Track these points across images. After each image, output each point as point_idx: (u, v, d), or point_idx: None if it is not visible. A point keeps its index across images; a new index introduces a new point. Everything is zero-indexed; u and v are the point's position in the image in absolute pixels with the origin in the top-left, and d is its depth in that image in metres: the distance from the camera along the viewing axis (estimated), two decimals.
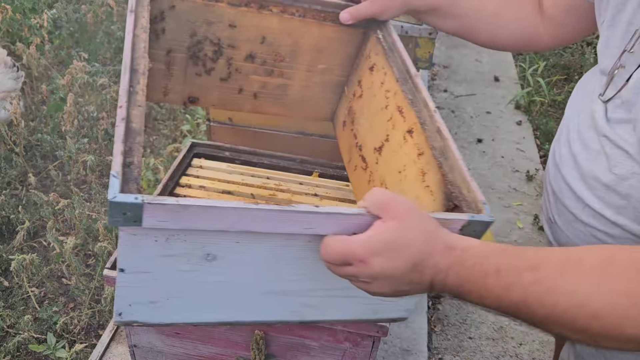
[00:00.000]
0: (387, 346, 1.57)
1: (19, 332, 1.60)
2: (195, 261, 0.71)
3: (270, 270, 0.75)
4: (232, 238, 0.69)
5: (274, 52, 1.07)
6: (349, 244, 0.62)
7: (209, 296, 0.77)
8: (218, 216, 0.63)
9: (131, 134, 0.68)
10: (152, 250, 0.68)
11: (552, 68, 3.64)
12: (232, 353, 1.07)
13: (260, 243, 0.70)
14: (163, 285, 0.73)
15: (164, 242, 0.67)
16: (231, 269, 0.73)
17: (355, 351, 1.00)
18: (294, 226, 0.66)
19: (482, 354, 1.77)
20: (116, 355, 1.31)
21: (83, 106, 2.46)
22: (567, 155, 0.86)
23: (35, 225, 1.97)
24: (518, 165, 2.80)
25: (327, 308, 0.83)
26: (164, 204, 0.60)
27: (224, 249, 0.70)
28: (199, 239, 0.68)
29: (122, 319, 0.76)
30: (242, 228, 0.65)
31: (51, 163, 2.25)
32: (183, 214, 0.61)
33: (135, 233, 0.65)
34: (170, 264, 0.70)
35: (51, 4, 3.36)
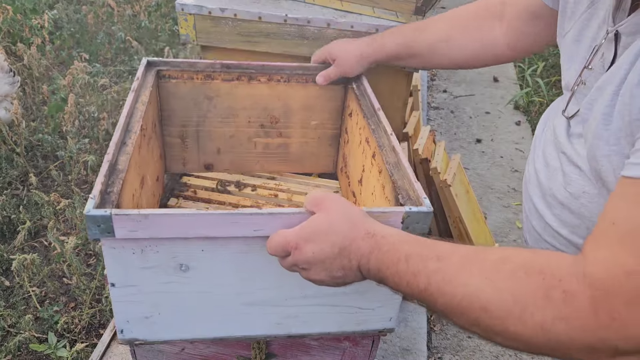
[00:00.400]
0: (387, 345, 1.58)
1: (20, 332, 1.60)
2: (171, 272, 0.78)
3: (243, 279, 0.81)
4: (196, 246, 0.75)
5: (268, 115, 1.22)
6: (284, 234, 0.70)
7: (194, 309, 0.83)
8: (174, 223, 0.71)
9: (115, 172, 0.80)
10: (132, 263, 0.75)
11: (552, 68, 3.64)
12: (232, 352, 1.08)
13: (222, 249, 0.76)
14: (150, 298, 0.80)
15: (140, 253, 0.75)
16: (206, 279, 0.80)
17: (355, 350, 1.01)
18: (243, 229, 0.73)
19: (481, 353, 1.78)
20: (117, 355, 1.32)
21: (84, 106, 2.47)
22: (532, 172, 0.86)
23: (36, 225, 1.97)
24: (517, 165, 2.81)
25: (309, 320, 0.88)
26: (127, 214, 0.69)
27: (193, 258, 0.77)
28: (169, 249, 0.75)
29: (125, 336, 0.84)
30: (197, 234, 0.73)
31: (52, 163, 2.26)
32: (145, 222, 0.70)
33: (114, 246, 0.73)
34: (151, 276, 0.77)
35: (52, 4, 3.36)
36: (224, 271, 0.79)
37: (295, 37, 1.27)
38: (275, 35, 1.28)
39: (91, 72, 2.72)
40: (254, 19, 1.26)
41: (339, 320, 0.89)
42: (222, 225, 0.72)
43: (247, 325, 0.88)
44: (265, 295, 0.84)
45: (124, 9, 3.35)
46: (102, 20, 3.27)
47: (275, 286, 0.83)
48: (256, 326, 0.88)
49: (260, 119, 1.22)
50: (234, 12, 1.26)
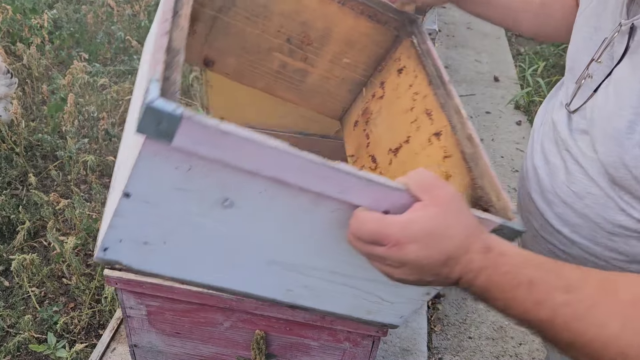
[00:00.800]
0: (387, 346, 1.57)
1: (19, 332, 1.60)
2: (209, 204, 0.63)
3: (284, 237, 0.69)
4: (258, 185, 0.61)
5: (304, 32, 1.02)
6: (385, 224, 0.57)
7: (208, 252, 0.70)
8: (256, 153, 0.56)
9: (171, 51, 0.61)
10: (168, 179, 0.60)
11: (552, 68, 3.64)
12: (232, 353, 1.08)
13: (285, 198, 0.63)
14: (165, 224, 0.66)
15: (185, 172, 0.59)
16: (244, 223, 0.66)
17: (355, 351, 1.00)
18: (328, 185, 0.60)
19: (481, 353, 1.77)
20: (116, 355, 1.31)
21: (83, 106, 2.46)
22: (530, 168, 0.84)
23: (35, 225, 1.97)
24: (518, 165, 2.80)
25: (321, 295, 0.78)
26: (205, 124, 0.53)
27: (245, 197, 0.63)
28: (223, 177, 0.60)
29: (106, 255, 0.68)
30: (274, 174, 0.59)
31: (51, 163, 2.25)
32: (218, 140, 0.54)
33: (157, 153, 0.57)
34: (182, 200, 0.62)
35: (51, 4, 3.36)
36: (270, 221, 0.66)
37: None
38: None
39: (91, 71, 2.71)
40: None
41: (351, 303, 0.80)
42: (310, 174, 0.59)
43: (253, 282, 0.75)
44: (294, 258, 0.72)
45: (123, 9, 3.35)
46: (102, 20, 3.27)
47: (313, 253, 0.71)
48: (263, 286, 0.76)
49: (293, 33, 1.02)
50: None
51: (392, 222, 0.57)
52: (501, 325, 1.88)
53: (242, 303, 0.98)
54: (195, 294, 0.98)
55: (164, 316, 1.04)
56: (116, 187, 0.72)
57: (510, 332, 1.85)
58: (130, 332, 1.09)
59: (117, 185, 0.72)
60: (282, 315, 0.97)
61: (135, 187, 0.61)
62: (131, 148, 0.66)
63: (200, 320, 1.03)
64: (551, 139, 0.80)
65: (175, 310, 1.03)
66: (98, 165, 2.23)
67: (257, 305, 0.97)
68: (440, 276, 0.59)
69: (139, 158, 0.57)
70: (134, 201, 0.62)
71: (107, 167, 2.25)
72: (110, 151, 2.32)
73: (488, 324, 1.87)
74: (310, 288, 0.76)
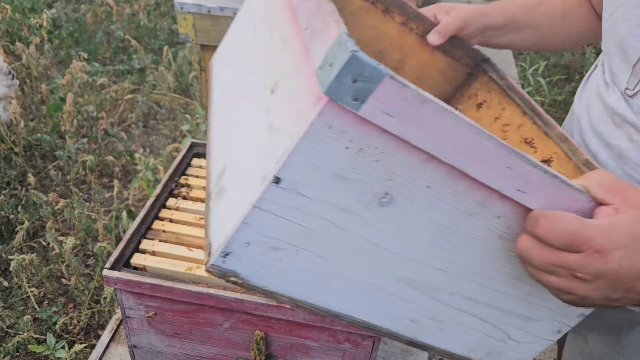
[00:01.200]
0: (387, 347, 1.57)
1: (18, 332, 1.60)
2: (366, 199, 0.55)
3: (431, 247, 0.61)
4: (427, 178, 0.54)
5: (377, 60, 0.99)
6: (586, 225, 0.49)
7: (339, 265, 0.61)
8: (447, 130, 0.50)
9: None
10: (332, 162, 0.52)
11: (553, 68, 3.64)
12: (232, 353, 1.07)
13: (448, 198, 0.56)
14: (307, 222, 0.56)
15: (354, 154, 0.51)
16: (394, 229, 0.59)
17: (356, 352, 1.00)
18: (507, 179, 0.53)
19: None
20: (115, 356, 1.31)
21: (82, 106, 2.46)
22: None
23: (34, 225, 1.96)
24: None
25: (446, 330, 0.70)
26: (407, 86, 0.46)
27: (408, 193, 0.55)
28: (393, 165, 0.53)
29: (225, 263, 0.57)
30: (458, 160, 0.52)
31: (50, 163, 2.25)
32: (414, 110, 0.48)
33: (332, 125, 0.49)
34: (338, 192, 0.54)
35: (50, 3, 3.35)
36: (423, 227, 0.59)
37: None
38: None
39: (90, 71, 2.71)
40: None
41: (473, 342, 0.73)
42: (496, 162, 0.52)
43: (377, 309, 0.67)
44: (435, 277, 0.64)
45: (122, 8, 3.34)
46: (101, 19, 3.26)
47: (458, 271, 0.63)
48: (387, 315, 0.68)
49: None
50: (234, 10, 1.25)
51: (593, 225, 0.49)
52: None
53: (242, 304, 0.97)
54: (195, 295, 0.98)
55: (163, 316, 1.04)
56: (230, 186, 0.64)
57: None
58: (130, 333, 1.08)
59: (231, 181, 0.65)
60: (282, 315, 0.97)
61: (292, 170, 0.51)
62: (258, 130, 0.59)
63: (200, 320, 1.03)
64: (608, 122, 0.79)
65: (175, 311, 1.02)
66: (97, 165, 2.22)
67: (257, 306, 0.97)
68: (633, 291, 0.52)
69: (309, 130, 0.48)
70: (283, 189, 0.52)
71: (106, 167, 2.25)
72: (109, 151, 2.32)
73: None
74: (437, 320, 0.68)
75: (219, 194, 0.67)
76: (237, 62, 0.85)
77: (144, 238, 1.10)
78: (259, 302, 0.96)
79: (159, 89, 2.68)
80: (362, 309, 0.66)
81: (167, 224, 1.14)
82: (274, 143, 0.55)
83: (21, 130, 2.21)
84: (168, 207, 1.19)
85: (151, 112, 2.64)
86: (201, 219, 1.15)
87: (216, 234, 0.59)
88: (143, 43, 3.14)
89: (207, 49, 1.34)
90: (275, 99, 0.61)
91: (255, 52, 0.77)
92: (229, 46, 0.93)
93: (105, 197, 2.13)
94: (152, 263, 1.04)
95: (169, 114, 2.64)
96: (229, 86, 0.85)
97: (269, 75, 0.66)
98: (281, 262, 0.58)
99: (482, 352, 0.73)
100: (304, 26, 0.57)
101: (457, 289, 0.65)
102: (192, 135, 2.28)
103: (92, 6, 3.34)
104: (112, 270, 1.00)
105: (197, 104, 2.58)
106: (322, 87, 0.46)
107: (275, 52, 0.68)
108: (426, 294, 0.65)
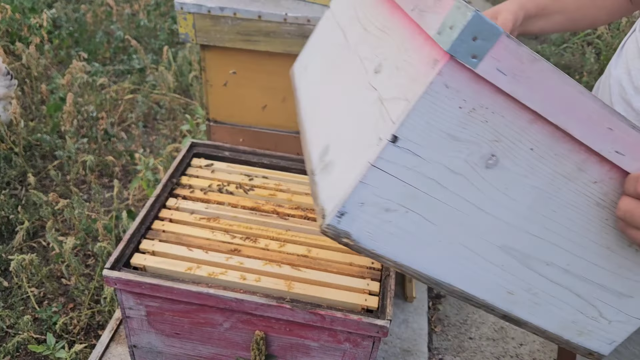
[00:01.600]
0: (388, 346, 1.57)
1: (18, 332, 1.60)
2: (474, 160, 0.58)
3: (532, 213, 0.63)
4: (532, 139, 0.57)
5: None
6: None
7: (444, 229, 0.63)
8: (553, 90, 0.53)
9: None
10: (446, 121, 0.55)
11: None
12: (232, 353, 1.07)
13: (550, 161, 0.59)
14: (419, 183, 0.59)
15: (467, 113, 0.54)
16: (498, 192, 0.61)
17: (356, 352, 1.00)
18: (607, 141, 0.56)
19: (482, 354, 1.77)
20: (115, 356, 1.31)
21: (82, 106, 2.46)
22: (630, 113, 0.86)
23: (34, 225, 1.96)
24: None
25: (541, 304, 0.72)
26: (520, 45, 0.50)
27: (513, 155, 0.58)
28: (501, 125, 0.56)
29: (340, 223, 0.59)
30: (562, 120, 0.55)
31: (50, 163, 2.25)
32: (524, 69, 0.51)
33: (449, 84, 0.53)
34: (450, 152, 0.57)
35: (50, 3, 3.35)
36: (526, 191, 0.61)
37: (295, 36, 1.27)
38: (275, 34, 1.27)
39: (90, 71, 2.71)
40: (253, 17, 1.25)
41: (566, 319, 0.74)
42: (598, 124, 0.55)
43: (476, 278, 0.69)
44: (532, 246, 0.66)
45: (122, 8, 3.34)
46: (101, 19, 3.26)
47: (556, 239, 0.65)
48: (484, 285, 0.69)
49: None
50: (234, 10, 1.25)
51: None
52: (502, 325, 1.87)
53: (242, 304, 0.97)
54: (195, 295, 0.98)
55: (163, 317, 1.04)
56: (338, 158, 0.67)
57: (511, 333, 1.85)
58: (130, 333, 1.08)
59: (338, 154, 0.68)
60: (282, 315, 0.97)
61: (409, 129, 0.54)
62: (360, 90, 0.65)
63: (200, 320, 1.03)
64: None
65: (175, 311, 1.02)
66: (97, 165, 2.22)
67: (256, 306, 0.97)
68: None
69: (427, 90, 0.52)
70: (399, 149, 0.55)
71: (106, 167, 2.25)
72: (109, 151, 2.32)
73: (489, 325, 1.87)
74: (533, 292, 0.71)
75: (325, 168, 0.70)
76: (326, 60, 0.91)
77: (144, 238, 1.10)
78: (259, 302, 0.95)
79: (159, 89, 2.68)
80: (462, 277, 0.67)
81: (167, 224, 1.14)
82: (387, 110, 0.58)
83: (21, 130, 2.20)
84: (168, 207, 1.19)
85: (151, 112, 2.64)
86: (201, 218, 1.15)
87: (329, 197, 0.62)
88: (143, 43, 3.14)
89: (207, 49, 1.34)
90: (381, 77, 0.66)
91: (348, 48, 0.83)
92: (313, 53, 1.00)
93: (105, 197, 2.13)
94: (152, 263, 1.04)
95: (169, 114, 2.64)
96: (320, 81, 0.90)
97: (368, 62, 0.72)
98: (390, 224, 0.60)
99: (575, 331, 0.74)
100: (410, 8, 0.63)
101: (553, 259, 0.67)
102: (192, 136, 2.28)
103: (92, 6, 3.34)
104: (112, 270, 1.00)
105: (197, 104, 2.58)
106: (445, 46, 0.50)
107: (372, 42, 0.74)
108: (524, 263, 0.67)
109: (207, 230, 1.13)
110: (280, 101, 1.44)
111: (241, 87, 1.44)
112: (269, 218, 1.17)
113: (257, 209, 1.20)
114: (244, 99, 1.46)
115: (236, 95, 1.46)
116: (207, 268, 1.03)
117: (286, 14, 1.24)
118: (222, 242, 1.10)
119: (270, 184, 1.27)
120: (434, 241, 0.63)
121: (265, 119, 1.48)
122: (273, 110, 1.46)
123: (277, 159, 1.35)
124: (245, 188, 1.25)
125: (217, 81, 1.43)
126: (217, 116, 1.49)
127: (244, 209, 1.19)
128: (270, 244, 1.10)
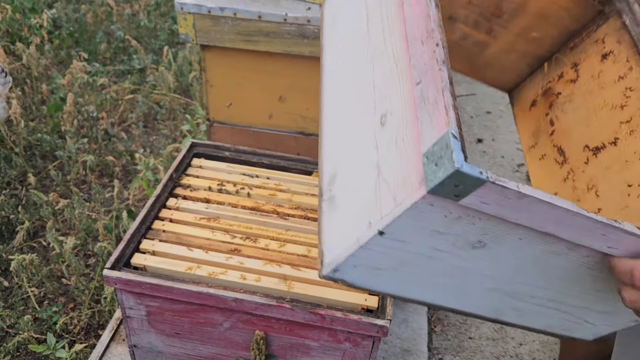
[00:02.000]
0: (387, 346, 1.57)
1: (18, 332, 1.60)
2: (460, 245, 0.61)
3: (520, 272, 0.67)
4: (519, 235, 0.59)
5: (497, 3, 0.94)
6: None
7: (435, 280, 0.68)
8: (543, 213, 0.54)
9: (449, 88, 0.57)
10: (432, 224, 0.57)
11: None
12: (232, 353, 1.07)
13: (540, 246, 0.61)
14: (406, 257, 0.63)
15: (454, 219, 0.56)
16: (486, 262, 0.64)
17: (355, 351, 1.00)
18: (596, 240, 0.59)
19: (482, 354, 1.77)
20: (116, 356, 1.31)
21: (83, 106, 2.46)
22: None
23: (34, 225, 1.96)
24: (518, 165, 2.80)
25: (527, 314, 0.76)
26: (507, 188, 0.50)
27: (500, 241, 0.60)
28: (489, 227, 0.58)
29: (334, 275, 0.66)
30: (550, 230, 0.57)
31: (51, 163, 2.25)
32: (512, 202, 0.52)
33: (434, 204, 0.54)
34: (434, 240, 0.60)
35: (51, 3, 3.36)
36: (513, 260, 0.64)
37: (295, 36, 1.27)
38: (275, 34, 1.27)
39: (90, 71, 2.71)
40: (253, 18, 1.25)
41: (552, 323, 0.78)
42: (589, 232, 0.57)
43: (466, 302, 0.74)
44: (520, 288, 0.70)
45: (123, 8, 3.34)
46: (101, 19, 3.26)
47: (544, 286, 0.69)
48: (474, 305, 0.74)
49: (485, 4, 0.95)
50: (234, 11, 1.25)
51: None
52: (502, 325, 1.87)
53: (242, 304, 0.97)
54: (195, 294, 0.98)
55: (163, 316, 1.04)
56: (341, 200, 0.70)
57: (510, 333, 1.85)
58: (130, 333, 1.08)
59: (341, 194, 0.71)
60: (282, 315, 0.97)
61: (395, 229, 0.58)
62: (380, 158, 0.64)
63: (200, 320, 1.03)
64: None
65: (175, 311, 1.02)
66: (97, 165, 2.22)
67: (256, 306, 0.97)
68: None
69: (412, 207, 0.55)
70: (386, 239, 0.60)
71: (106, 167, 2.25)
72: (110, 151, 2.32)
73: (488, 325, 1.87)
74: (519, 309, 0.74)
75: (330, 200, 0.73)
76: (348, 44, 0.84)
77: (144, 238, 1.10)
78: (259, 302, 0.96)
79: (159, 89, 2.68)
80: (451, 300, 0.72)
81: (167, 224, 1.14)
82: (381, 192, 0.61)
83: (21, 130, 2.21)
84: (168, 207, 1.19)
85: (151, 112, 2.64)
86: (201, 218, 1.16)
87: (329, 248, 0.67)
88: (143, 43, 3.14)
89: (207, 49, 1.35)
90: (384, 135, 0.66)
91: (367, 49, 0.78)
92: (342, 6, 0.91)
93: (105, 197, 2.13)
94: (153, 263, 1.04)
95: (169, 114, 2.64)
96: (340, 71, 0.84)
97: (378, 97, 0.70)
98: (383, 275, 0.66)
99: (559, 328, 0.78)
100: (416, 79, 0.62)
101: (540, 295, 0.70)
102: (192, 136, 2.28)
103: (92, 6, 3.34)
104: (112, 270, 1.00)
105: (197, 104, 2.58)
106: (426, 184, 0.51)
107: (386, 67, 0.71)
108: (510, 296, 0.71)
109: (207, 230, 1.13)
110: (280, 102, 1.45)
111: (241, 87, 1.45)
112: (269, 218, 1.17)
113: (257, 209, 1.20)
114: (244, 99, 1.46)
115: (236, 95, 1.46)
116: (207, 268, 1.03)
117: (286, 14, 1.24)
118: (222, 242, 1.10)
119: (270, 184, 1.27)
120: (423, 284, 0.69)
121: (265, 120, 1.48)
122: (273, 110, 1.47)
123: (277, 159, 1.35)
124: (245, 188, 1.25)
125: (218, 82, 1.43)
126: (217, 116, 1.50)
127: (244, 208, 1.19)
128: (270, 244, 1.10)
